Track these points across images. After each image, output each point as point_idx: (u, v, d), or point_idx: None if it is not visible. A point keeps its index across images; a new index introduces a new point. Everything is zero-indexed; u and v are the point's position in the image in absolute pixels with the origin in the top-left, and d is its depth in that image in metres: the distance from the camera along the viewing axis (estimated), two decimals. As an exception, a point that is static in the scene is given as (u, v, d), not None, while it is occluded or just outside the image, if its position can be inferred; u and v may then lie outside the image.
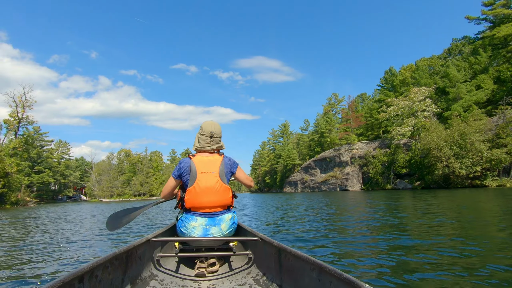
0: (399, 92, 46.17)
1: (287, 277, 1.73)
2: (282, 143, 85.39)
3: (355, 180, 50.06)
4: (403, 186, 37.98)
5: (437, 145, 29.20)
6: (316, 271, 1.39)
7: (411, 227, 5.53)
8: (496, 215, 7.11)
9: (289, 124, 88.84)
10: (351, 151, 53.11)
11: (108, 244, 5.12)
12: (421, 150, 34.77)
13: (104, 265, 1.47)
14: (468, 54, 39.29)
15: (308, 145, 72.63)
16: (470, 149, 27.62)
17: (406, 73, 45.18)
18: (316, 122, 69.05)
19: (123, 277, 1.67)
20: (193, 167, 2.26)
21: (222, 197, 2.27)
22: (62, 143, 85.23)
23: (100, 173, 73.43)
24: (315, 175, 61.11)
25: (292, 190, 66.08)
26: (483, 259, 3.07)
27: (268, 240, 1.98)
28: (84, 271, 1.27)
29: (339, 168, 54.38)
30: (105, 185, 70.52)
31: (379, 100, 52.69)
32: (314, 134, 68.83)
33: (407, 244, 3.95)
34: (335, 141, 61.37)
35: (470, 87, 35.04)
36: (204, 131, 2.40)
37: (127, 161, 77.45)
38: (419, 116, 36.29)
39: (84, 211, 18.48)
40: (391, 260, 3.18)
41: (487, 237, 4.24)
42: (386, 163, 40.69)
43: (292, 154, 72.58)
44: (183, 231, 2.27)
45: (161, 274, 2.07)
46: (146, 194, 73.78)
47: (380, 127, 55.87)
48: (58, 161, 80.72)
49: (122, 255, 1.67)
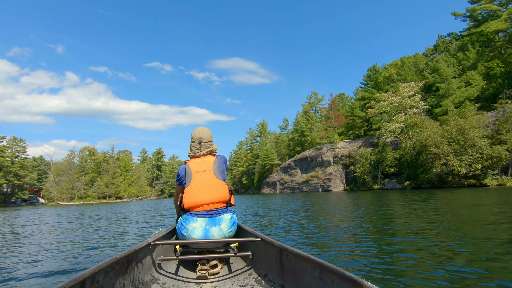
0: (383, 89, 44.09)
1: (288, 276, 1.69)
2: (260, 142, 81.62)
3: (338, 180, 47.30)
4: (391, 186, 35.49)
5: (434, 141, 26.75)
6: (318, 270, 1.36)
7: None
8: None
9: (267, 124, 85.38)
10: (333, 150, 50.40)
11: (107, 249, 4.72)
12: (412, 148, 32.44)
13: (105, 270, 1.44)
14: (456, 51, 37.89)
15: (287, 145, 69.54)
16: (470, 145, 25.40)
17: (391, 70, 43.20)
18: (296, 121, 66.19)
19: (124, 282, 1.63)
20: (188, 169, 2.34)
21: (219, 192, 2.26)
22: (17, 140, 75.26)
23: (59, 173, 65.21)
24: (295, 175, 57.94)
25: (270, 191, 62.63)
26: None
27: (269, 240, 1.96)
28: (85, 277, 1.24)
29: (321, 168, 51.49)
30: (64, 186, 62.51)
31: (362, 98, 50.58)
32: (294, 133, 65.82)
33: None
34: (316, 140, 58.68)
35: (460, 83, 33.36)
36: (194, 138, 2.47)
37: (91, 160, 69.60)
38: (409, 112, 34.00)
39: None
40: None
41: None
42: (372, 162, 38.14)
43: (270, 154, 69.12)
44: (183, 233, 2.25)
45: (162, 277, 2.04)
46: (112, 196, 66.49)
47: (362, 127, 54.03)
48: (12, 160, 71.25)
49: (123, 259, 1.63)
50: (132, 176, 78.75)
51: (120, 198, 67.22)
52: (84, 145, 69.30)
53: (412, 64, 41.83)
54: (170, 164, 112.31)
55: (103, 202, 59.29)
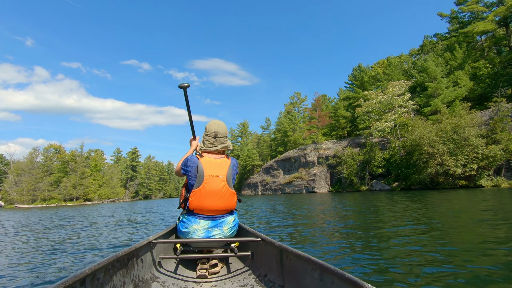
0: (368, 89, 42.98)
1: (288, 277, 1.67)
2: (241, 143, 78.80)
3: (323, 181, 45.55)
4: (380, 187, 34.01)
5: (428, 140, 25.36)
6: (318, 271, 1.34)
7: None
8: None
9: (248, 124, 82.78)
10: (318, 151, 48.66)
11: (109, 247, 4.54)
12: (402, 148, 31.13)
13: (105, 268, 1.42)
14: (442, 51, 37.35)
15: (269, 145, 67.34)
16: (465, 145, 24.21)
17: (378, 69, 42.15)
18: (279, 121, 64.18)
19: (124, 279, 1.61)
20: (201, 168, 2.15)
21: (227, 202, 2.19)
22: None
23: (20, 173, 58.72)
24: (277, 176, 55.72)
25: (251, 192, 60.04)
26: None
27: (269, 241, 1.94)
28: (86, 274, 1.23)
29: (305, 169, 49.59)
30: (25, 187, 56.23)
31: (347, 97, 49.38)
32: (276, 133, 63.69)
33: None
34: (300, 140, 56.86)
35: (447, 83, 32.61)
36: (208, 131, 2.31)
37: (57, 158, 63.45)
38: (398, 111, 32.74)
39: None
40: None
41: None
42: (360, 163, 36.61)
43: (252, 154, 66.52)
44: (184, 232, 2.19)
45: (162, 276, 2.01)
46: (80, 198, 60.82)
47: (345, 128, 52.94)
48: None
49: (123, 257, 1.62)
50: (104, 177, 73.04)
51: (89, 200, 61.63)
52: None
53: (399, 64, 41.04)
54: (146, 165, 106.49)
55: (69, 205, 53.87)
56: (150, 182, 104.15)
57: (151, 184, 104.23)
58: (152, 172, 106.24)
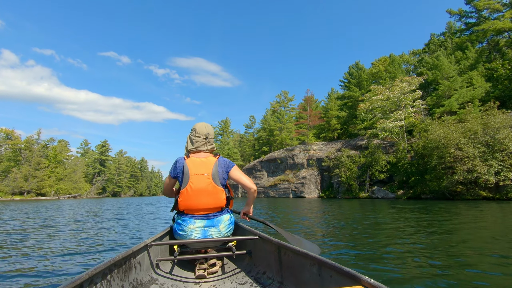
0: (366, 89, 38.57)
1: (287, 273, 1.65)
2: (221, 141, 72.29)
3: (313, 185, 40.29)
4: (382, 194, 29.20)
5: (455, 141, 20.77)
6: (316, 266, 1.34)
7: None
8: None
9: (230, 121, 76.44)
10: (307, 152, 43.45)
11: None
12: (412, 151, 26.50)
13: (103, 272, 1.37)
14: (453, 49, 33.69)
15: (252, 145, 61.54)
16: (499, 149, 19.83)
17: (380, 66, 37.83)
18: (264, 119, 58.65)
19: (122, 283, 1.56)
20: (186, 169, 2.10)
21: (215, 199, 2.10)
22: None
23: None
24: (261, 178, 49.84)
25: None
26: None
27: (267, 238, 1.91)
28: (83, 279, 1.19)
29: (292, 171, 44.16)
30: (-39, 176, 46.25)
31: (341, 97, 44.85)
32: (261, 132, 58.03)
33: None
34: (287, 140, 51.59)
35: (461, 83, 28.68)
36: (199, 133, 2.29)
37: (8, 145, 53.58)
38: (408, 109, 28.22)
39: None
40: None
41: None
42: (360, 166, 31.71)
43: (233, 153, 60.28)
44: (181, 233, 2.11)
45: (161, 278, 1.95)
46: (32, 192, 51.30)
47: (336, 130, 48.46)
48: None
49: (120, 261, 1.56)
50: (65, 170, 63.51)
51: (43, 195, 52.26)
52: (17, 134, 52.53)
53: (402, 62, 37.04)
54: (116, 160, 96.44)
55: (16, 200, 44.70)
56: (120, 178, 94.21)
57: (121, 180, 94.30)
58: (123, 168, 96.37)
